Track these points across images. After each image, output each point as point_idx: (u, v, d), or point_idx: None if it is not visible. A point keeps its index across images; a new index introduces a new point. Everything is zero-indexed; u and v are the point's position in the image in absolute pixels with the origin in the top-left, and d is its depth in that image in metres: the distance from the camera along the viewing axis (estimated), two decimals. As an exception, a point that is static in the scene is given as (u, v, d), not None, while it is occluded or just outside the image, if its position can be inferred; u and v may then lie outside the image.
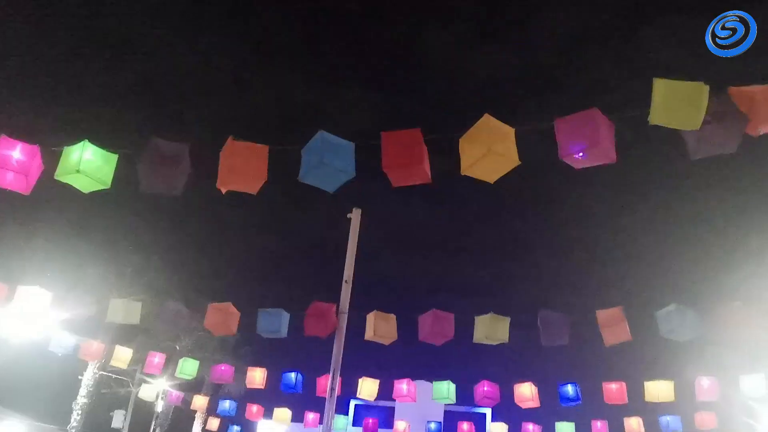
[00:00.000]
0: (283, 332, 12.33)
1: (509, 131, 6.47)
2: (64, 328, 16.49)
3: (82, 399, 21.30)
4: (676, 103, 5.74)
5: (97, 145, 7.39)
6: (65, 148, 7.39)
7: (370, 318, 12.16)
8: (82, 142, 7.34)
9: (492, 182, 6.67)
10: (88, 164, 7.28)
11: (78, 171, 7.21)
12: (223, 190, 7.22)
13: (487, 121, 6.46)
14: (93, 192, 7.62)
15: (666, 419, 17.70)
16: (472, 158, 6.38)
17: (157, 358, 16.81)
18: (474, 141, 6.43)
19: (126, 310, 12.86)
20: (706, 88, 5.76)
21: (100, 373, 22.36)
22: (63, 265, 18.09)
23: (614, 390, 14.79)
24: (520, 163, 6.46)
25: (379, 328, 12.10)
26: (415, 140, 6.76)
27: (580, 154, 6.09)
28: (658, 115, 5.76)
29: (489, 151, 6.27)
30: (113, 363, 16.63)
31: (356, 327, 12.26)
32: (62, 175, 7.32)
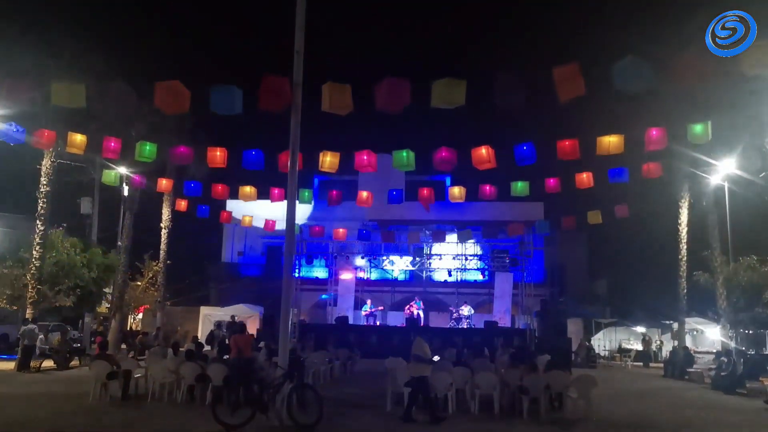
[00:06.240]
0: (238, 108, 12.10)
1: None
2: (12, 118, 16.04)
3: (44, 188, 21.38)
4: None
5: None
6: None
7: (325, 89, 11.92)
8: None
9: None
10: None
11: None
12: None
13: None
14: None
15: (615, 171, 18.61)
16: None
17: (113, 143, 16.62)
18: None
19: (70, 92, 12.35)
20: None
21: (59, 161, 22.22)
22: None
23: (567, 146, 15.22)
24: None
25: (335, 98, 11.92)
26: None
27: None
28: None
29: None
30: (69, 149, 16.41)
31: (312, 102, 12.08)
32: None
